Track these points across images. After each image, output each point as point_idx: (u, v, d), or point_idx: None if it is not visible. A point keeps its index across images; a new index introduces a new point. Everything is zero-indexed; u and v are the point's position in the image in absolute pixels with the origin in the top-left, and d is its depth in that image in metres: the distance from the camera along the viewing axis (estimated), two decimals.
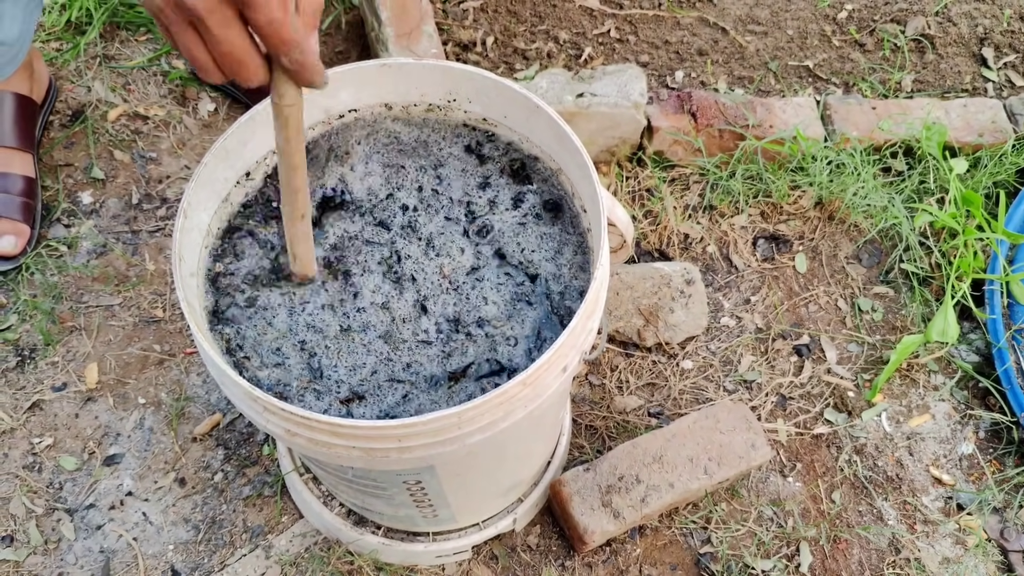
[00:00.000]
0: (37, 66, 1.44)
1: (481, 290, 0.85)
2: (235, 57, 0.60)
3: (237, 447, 1.24)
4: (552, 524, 1.19)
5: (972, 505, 1.23)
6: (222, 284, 0.85)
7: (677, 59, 1.65)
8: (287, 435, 0.74)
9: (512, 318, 0.84)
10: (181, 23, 0.58)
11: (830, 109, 1.52)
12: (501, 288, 0.85)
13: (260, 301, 0.84)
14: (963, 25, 1.71)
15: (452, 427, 0.71)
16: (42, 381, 1.28)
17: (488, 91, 0.90)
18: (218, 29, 0.58)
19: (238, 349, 0.81)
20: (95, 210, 1.44)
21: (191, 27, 0.58)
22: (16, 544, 1.16)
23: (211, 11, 0.57)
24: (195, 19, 0.57)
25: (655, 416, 1.28)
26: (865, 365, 1.35)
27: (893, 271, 1.43)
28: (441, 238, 0.88)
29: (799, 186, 1.47)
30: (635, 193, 1.48)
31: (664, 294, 1.33)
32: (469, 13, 1.67)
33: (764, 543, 1.18)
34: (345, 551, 1.14)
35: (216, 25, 0.57)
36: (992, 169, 1.46)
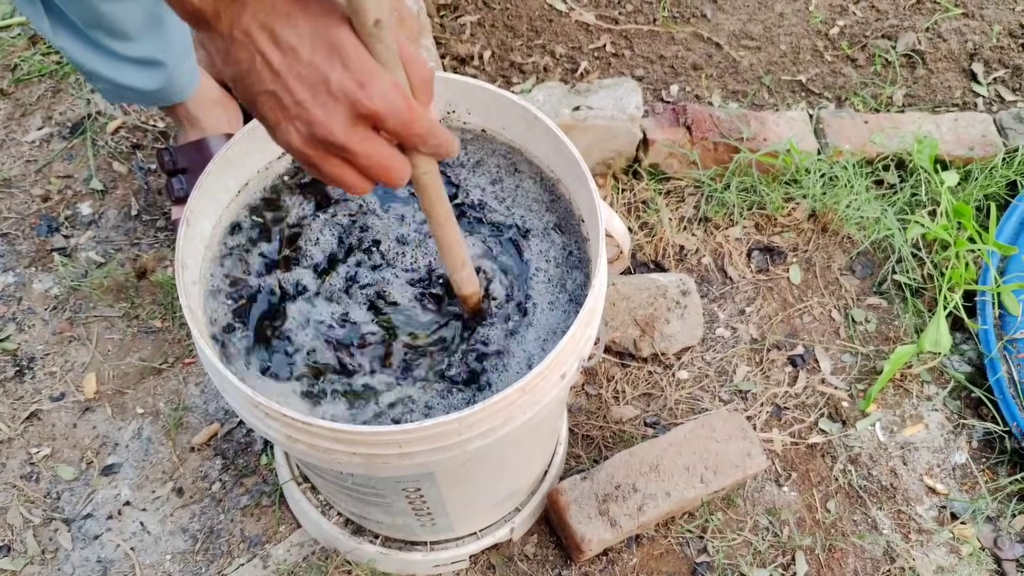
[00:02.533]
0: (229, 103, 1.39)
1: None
2: (382, 166, 0.62)
3: (235, 457, 1.24)
4: (549, 533, 1.19)
5: (966, 514, 1.24)
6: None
7: (672, 73, 1.67)
8: (288, 441, 0.75)
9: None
10: (324, 156, 0.60)
11: (823, 123, 1.54)
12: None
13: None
14: (953, 41, 1.74)
15: (452, 433, 0.72)
16: (40, 391, 1.29)
17: (487, 103, 0.91)
18: (360, 148, 0.60)
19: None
20: (94, 221, 1.45)
21: (334, 156, 0.61)
22: (14, 554, 1.16)
23: (349, 136, 0.59)
24: (337, 148, 0.59)
25: (651, 426, 1.29)
26: (859, 375, 1.36)
27: (886, 282, 1.45)
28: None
29: (793, 198, 1.49)
30: (631, 205, 1.49)
31: (660, 305, 1.34)
32: (466, 27, 1.69)
33: (760, 552, 1.19)
34: (343, 560, 1.14)
35: (358, 146, 0.60)
36: (983, 182, 1.48)
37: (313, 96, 0.57)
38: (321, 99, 0.58)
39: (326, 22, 0.57)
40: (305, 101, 0.58)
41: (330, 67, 0.57)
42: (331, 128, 0.58)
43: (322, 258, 0.89)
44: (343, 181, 0.62)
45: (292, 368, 0.82)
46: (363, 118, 0.59)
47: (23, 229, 1.44)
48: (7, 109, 1.58)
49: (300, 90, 0.57)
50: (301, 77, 0.57)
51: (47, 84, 1.61)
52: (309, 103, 0.58)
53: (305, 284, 0.87)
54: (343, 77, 0.57)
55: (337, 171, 0.62)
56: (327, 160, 0.61)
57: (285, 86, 0.57)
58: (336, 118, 0.58)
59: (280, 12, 0.56)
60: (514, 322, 0.85)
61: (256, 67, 0.57)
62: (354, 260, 0.89)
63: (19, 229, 1.44)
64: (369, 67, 0.58)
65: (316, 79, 0.57)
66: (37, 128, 1.56)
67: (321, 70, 0.57)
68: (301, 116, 0.58)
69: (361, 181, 0.63)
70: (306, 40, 0.57)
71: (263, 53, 0.57)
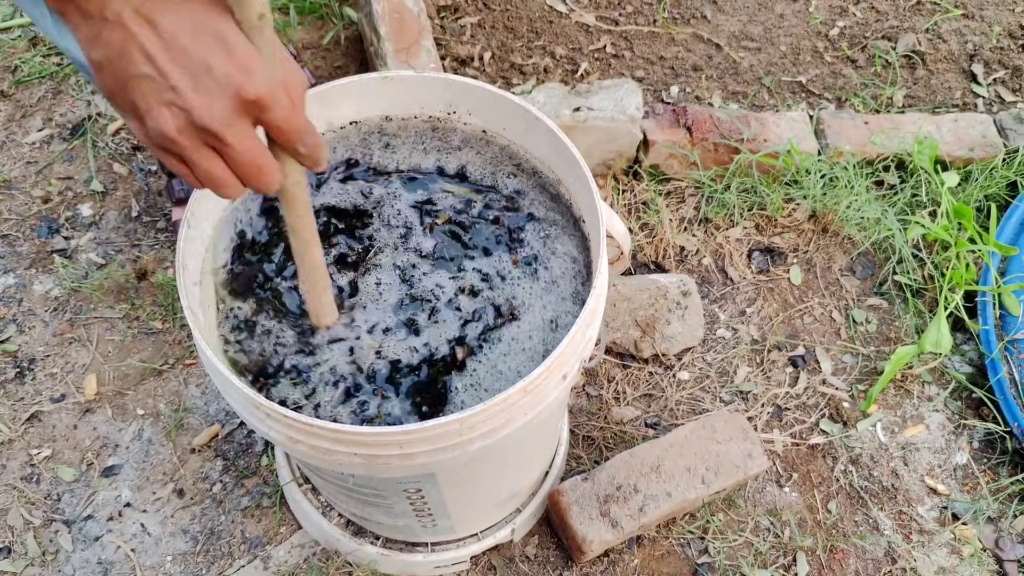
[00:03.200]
0: None
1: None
2: (256, 164, 0.60)
3: (236, 458, 1.24)
4: (550, 534, 1.19)
5: (967, 515, 1.24)
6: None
7: (672, 74, 1.67)
8: (289, 442, 0.75)
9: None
10: (197, 146, 0.57)
11: (823, 123, 1.54)
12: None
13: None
14: (953, 42, 1.74)
15: (454, 434, 0.72)
16: (41, 392, 1.29)
17: (487, 103, 0.91)
18: (237, 140, 0.57)
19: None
20: (95, 222, 1.45)
21: (207, 147, 0.58)
22: (14, 555, 1.16)
23: (230, 125, 0.57)
24: (213, 137, 0.57)
25: (652, 427, 1.28)
26: (860, 376, 1.36)
27: (886, 283, 1.45)
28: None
29: (793, 199, 1.49)
30: (631, 206, 1.49)
31: (661, 306, 1.34)
32: (467, 29, 1.69)
33: (761, 553, 1.19)
34: (344, 561, 1.14)
35: (236, 137, 0.57)
36: (983, 183, 1.48)
37: (193, 82, 0.55)
38: (203, 85, 0.55)
39: (207, 11, 0.56)
40: (183, 87, 0.55)
41: (212, 54, 0.55)
42: (211, 114, 0.55)
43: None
44: (212, 176, 0.59)
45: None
46: (246, 106, 0.57)
47: (23, 230, 1.44)
48: (7, 111, 1.58)
49: (178, 75, 0.55)
50: (179, 63, 0.55)
51: (47, 86, 1.62)
52: (188, 89, 0.55)
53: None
54: (227, 64, 0.55)
55: (208, 164, 0.58)
56: (199, 151, 0.57)
57: (161, 71, 0.54)
58: (217, 104, 0.56)
59: (157, 1, 0.54)
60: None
61: (128, 50, 0.54)
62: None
63: (19, 230, 1.44)
64: (252, 55, 0.56)
65: (197, 65, 0.55)
66: (37, 129, 1.56)
67: (202, 56, 0.55)
68: (177, 102, 0.55)
69: (231, 179, 0.60)
70: (186, 26, 0.55)
71: (136, 36, 0.54)
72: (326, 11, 1.68)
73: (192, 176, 0.59)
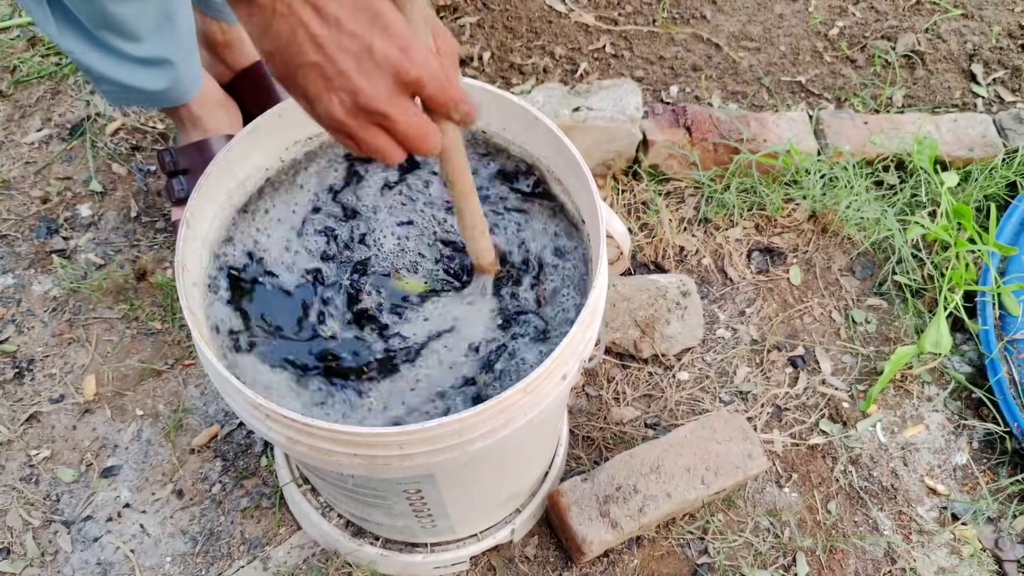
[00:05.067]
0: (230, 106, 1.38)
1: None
2: (419, 134, 0.63)
3: (235, 459, 1.24)
4: (550, 535, 1.19)
5: (967, 515, 1.24)
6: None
7: (672, 74, 1.67)
8: (288, 443, 0.75)
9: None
10: (365, 126, 0.61)
11: (823, 123, 1.54)
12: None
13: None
14: (952, 42, 1.74)
15: (453, 434, 0.72)
16: (39, 393, 1.28)
17: (487, 103, 0.91)
18: (401, 116, 0.61)
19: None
20: (94, 223, 1.45)
21: (374, 125, 0.62)
22: (13, 556, 1.16)
23: (393, 103, 0.60)
24: (379, 116, 0.60)
25: (652, 427, 1.28)
26: (859, 376, 1.36)
27: (886, 283, 1.45)
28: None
29: (793, 199, 1.49)
30: (631, 206, 1.49)
31: (660, 306, 1.34)
32: (466, 29, 1.69)
33: (761, 553, 1.19)
34: (343, 562, 1.14)
35: (399, 113, 0.61)
36: (983, 183, 1.48)
37: (358, 65, 0.58)
38: (366, 68, 0.58)
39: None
40: (349, 71, 0.58)
41: (372, 36, 0.58)
42: (375, 96, 0.59)
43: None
44: (381, 150, 0.63)
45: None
46: (406, 85, 0.60)
47: (22, 231, 1.44)
48: (6, 111, 1.58)
49: (344, 60, 0.58)
50: (345, 48, 0.58)
51: (46, 86, 1.61)
52: (353, 73, 0.58)
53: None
54: (386, 45, 0.58)
55: (376, 141, 0.62)
56: (368, 130, 0.62)
57: (329, 57, 0.58)
58: (380, 86, 0.59)
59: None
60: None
61: (298, 39, 0.58)
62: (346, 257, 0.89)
63: (18, 231, 1.44)
64: (409, 34, 0.59)
65: (360, 49, 0.58)
66: (36, 130, 1.56)
67: (364, 39, 0.58)
68: (345, 87, 0.59)
69: (398, 150, 0.64)
70: (348, 10, 0.57)
71: (306, 25, 0.57)
72: None
73: (357, 148, 0.63)
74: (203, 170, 0.83)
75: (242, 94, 1.39)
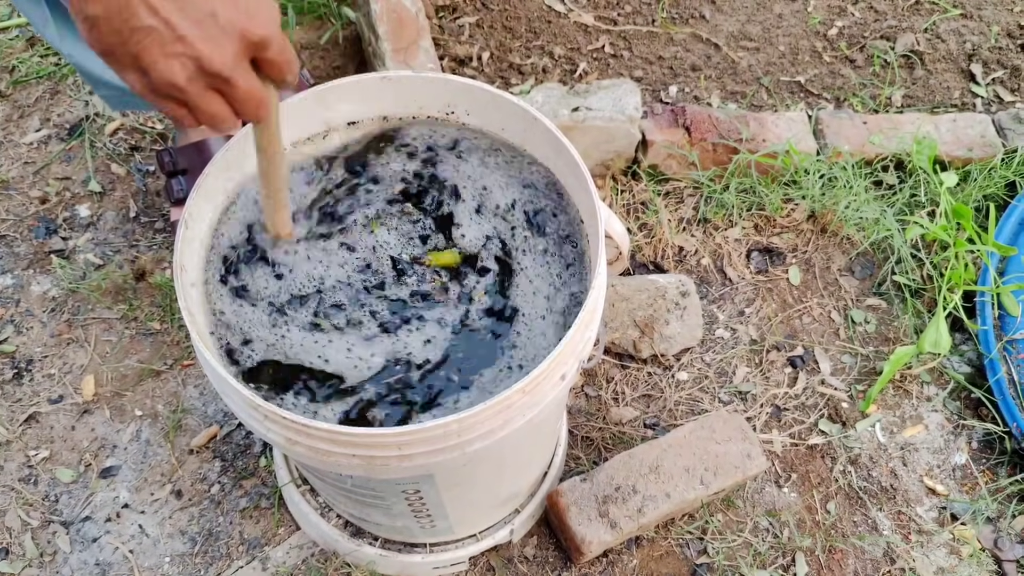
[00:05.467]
0: None
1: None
2: (257, 98, 0.63)
3: (234, 459, 1.24)
4: (549, 535, 1.19)
5: (966, 515, 1.24)
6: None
7: (671, 74, 1.67)
8: (287, 443, 0.74)
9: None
10: (203, 91, 0.60)
11: (822, 123, 1.54)
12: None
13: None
14: (951, 42, 1.74)
15: (452, 435, 0.72)
16: (38, 393, 1.28)
17: (486, 104, 0.91)
18: (243, 81, 0.61)
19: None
20: (92, 223, 1.45)
21: (213, 91, 0.61)
22: (12, 557, 1.16)
23: (234, 68, 0.60)
24: (221, 81, 0.60)
25: (651, 427, 1.28)
26: (859, 376, 1.36)
27: (885, 283, 1.45)
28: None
29: (792, 199, 1.49)
30: (630, 206, 1.49)
31: (659, 306, 1.34)
32: (465, 29, 1.69)
33: (760, 553, 1.19)
34: (342, 562, 1.14)
35: (242, 78, 0.60)
36: (982, 183, 1.48)
37: (200, 30, 0.57)
38: (209, 32, 0.57)
39: None
40: (190, 35, 0.57)
41: (214, 2, 0.57)
42: (221, 61, 0.58)
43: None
44: (216, 115, 0.62)
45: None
46: (251, 46, 0.60)
47: (21, 231, 1.44)
48: (5, 111, 1.58)
49: (184, 25, 0.57)
50: (183, 11, 0.56)
51: (45, 86, 1.61)
52: (195, 37, 0.57)
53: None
54: (230, 8, 0.57)
55: (213, 107, 0.62)
56: (205, 96, 0.61)
57: (166, 21, 0.56)
58: (227, 50, 0.58)
59: None
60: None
61: (131, 3, 0.55)
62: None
63: (17, 231, 1.44)
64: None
65: (202, 13, 0.57)
66: (35, 130, 1.56)
67: (205, 4, 0.57)
68: (187, 52, 0.57)
69: (230, 115, 0.63)
70: None
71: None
72: (324, 11, 1.68)
73: (190, 117, 0.62)
74: (202, 170, 0.83)
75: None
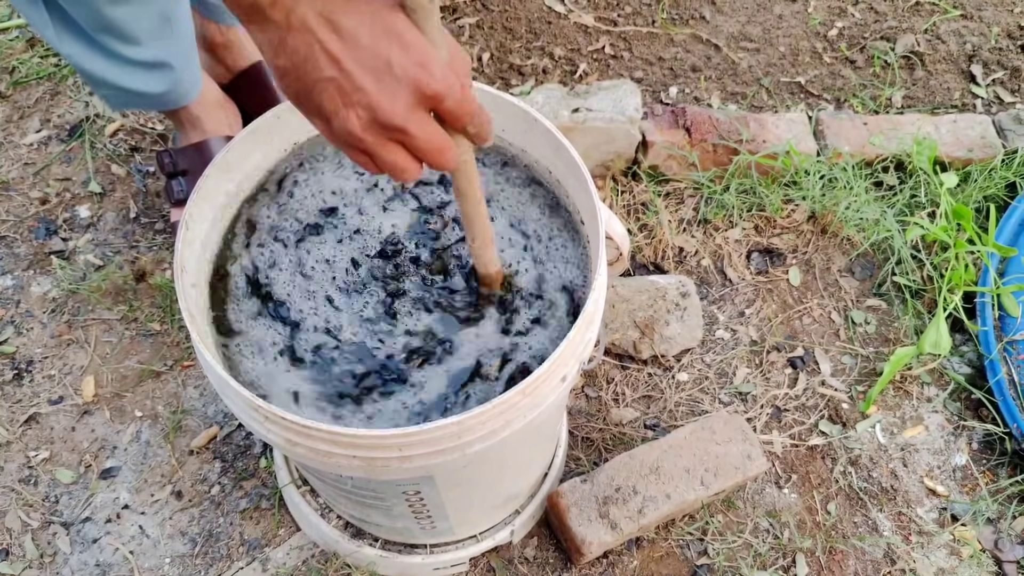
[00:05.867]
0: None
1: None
2: (437, 148, 0.63)
3: (234, 460, 1.24)
4: (549, 536, 1.19)
5: (966, 516, 1.24)
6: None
7: (671, 75, 1.67)
8: (287, 444, 0.74)
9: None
10: (383, 142, 0.61)
11: (822, 124, 1.54)
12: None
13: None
14: (952, 43, 1.74)
15: (452, 436, 0.72)
16: (38, 394, 1.28)
17: (486, 105, 0.90)
18: (420, 131, 0.61)
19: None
20: (92, 224, 1.45)
21: (392, 141, 0.61)
22: (12, 558, 1.16)
23: (411, 118, 0.60)
24: (398, 132, 0.60)
25: (651, 428, 1.28)
26: (859, 377, 1.36)
27: (886, 284, 1.45)
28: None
29: (792, 200, 1.49)
30: (630, 207, 1.49)
31: (660, 307, 1.34)
32: (465, 30, 1.69)
33: (760, 554, 1.19)
34: (342, 563, 1.14)
35: (417, 129, 0.60)
36: (982, 183, 1.48)
37: (376, 81, 0.58)
38: (385, 83, 0.58)
39: (380, 7, 0.58)
40: (367, 86, 0.58)
41: (391, 51, 0.58)
42: (394, 111, 0.59)
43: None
44: (398, 166, 0.63)
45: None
46: (425, 99, 0.60)
47: (21, 232, 1.44)
48: (5, 112, 1.58)
49: (361, 76, 0.57)
50: (362, 63, 0.57)
51: (45, 87, 1.61)
52: (371, 88, 0.58)
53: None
54: (404, 59, 0.58)
55: (394, 156, 0.62)
56: (385, 146, 0.61)
57: (346, 72, 0.57)
58: (400, 101, 0.59)
59: (337, 3, 0.57)
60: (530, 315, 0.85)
61: (314, 55, 0.57)
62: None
63: (17, 232, 1.44)
64: (426, 48, 0.59)
65: (378, 64, 0.57)
66: (35, 131, 1.56)
67: (383, 54, 0.57)
68: (363, 102, 0.58)
69: (413, 164, 0.63)
70: (364, 26, 0.57)
71: (322, 41, 0.57)
72: None
73: (373, 165, 0.63)
74: (202, 171, 0.83)
75: (241, 95, 1.39)
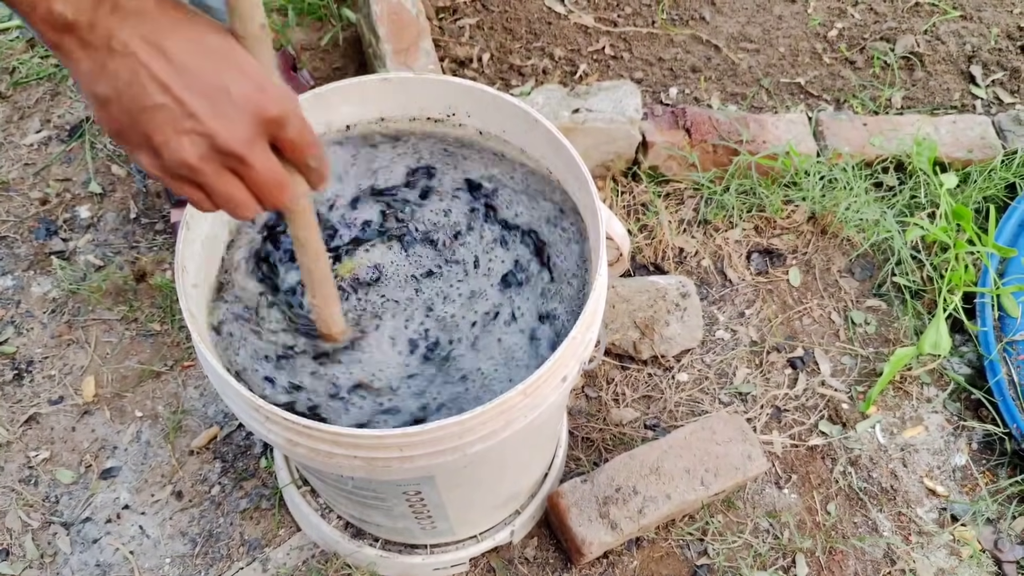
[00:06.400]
0: None
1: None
2: (276, 182, 0.59)
3: (234, 460, 1.24)
4: (549, 536, 1.19)
5: (966, 516, 1.24)
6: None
7: (671, 76, 1.67)
8: (288, 445, 0.74)
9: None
10: (219, 171, 0.57)
11: (822, 125, 1.54)
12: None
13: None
14: (951, 43, 1.74)
15: (453, 436, 0.72)
16: (39, 394, 1.28)
17: (487, 105, 0.91)
18: (260, 161, 0.57)
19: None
20: (93, 224, 1.45)
21: (229, 172, 0.57)
22: (12, 558, 1.16)
23: (251, 146, 0.56)
24: (236, 160, 0.56)
25: (651, 428, 1.28)
26: (859, 377, 1.36)
27: (885, 284, 1.45)
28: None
29: (792, 200, 1.49)
30: (630, 207, 1.49)
31: (660, 307, 1.34)
32: (465, 30, 1.69)
33: (760, 555, 1.19)
34: (343, 564, 1.14)
35: (258, 158, 0.57)
36: (982, 184, 1.48)
37: (212, 106, 0.54)
38: (222, 109, 0.54)
39: (209, 31, 0.55)
40: (201, 113, 0.54)
41: (226, 75, 0.54)
42: (233, 138, 0.55)
43: None
44: (234, 199, 0.58)
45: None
46: (266, 124, 0.56)
47: (21, 232, 1.44)
48: (5, 112, 1.58)
49: (194, 102, 0.53)
50: (194, 88, 0.53)
51: (45, 87, 1.61)
52: (207, 114, 0.54)
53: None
54: (242, 84, 0.55)
55: (230, 189, 0.57)
56: (221, 177, 0.57)
57: (177, 99, 0.53)
58: (240, 127, 0.55)
59: (163, 27, 0.53)
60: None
61: (140, 80, 0.52)
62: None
63: (17, 232, 1.44)
64: (263, 73, 0.56)
65: (212, 89, 0.54)
66: (35, 131, 1.56)
67: (217, 80, 0.54)
68: (198, 129, 0.54)
69: (250, 199, 0.59)
70: (195, 51, 0.53)
71: (147, 66, 0.52)
72: (324, 12, 1.68)
73: (208, 201, 0.58)
74: None
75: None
